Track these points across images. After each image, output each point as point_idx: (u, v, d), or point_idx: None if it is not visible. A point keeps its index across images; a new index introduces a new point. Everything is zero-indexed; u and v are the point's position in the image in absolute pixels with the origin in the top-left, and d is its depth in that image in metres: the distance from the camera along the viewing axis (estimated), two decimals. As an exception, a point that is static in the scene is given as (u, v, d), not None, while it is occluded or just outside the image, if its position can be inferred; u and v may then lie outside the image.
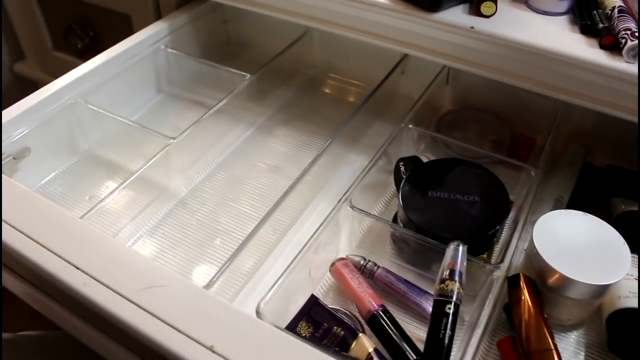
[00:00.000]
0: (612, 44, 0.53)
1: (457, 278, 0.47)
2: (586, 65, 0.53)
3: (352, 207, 0.54)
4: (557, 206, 0.59)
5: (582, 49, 0.54)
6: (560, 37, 0.55)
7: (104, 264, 0.44)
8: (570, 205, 0.61)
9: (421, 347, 0.47)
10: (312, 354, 0.39)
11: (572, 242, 0.50)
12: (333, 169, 0.67)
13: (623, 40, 0.52)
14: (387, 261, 0.57)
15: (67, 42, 0.95)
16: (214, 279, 0.48)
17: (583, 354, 0.51)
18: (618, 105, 0.54)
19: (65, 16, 0.93)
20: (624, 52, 0.52)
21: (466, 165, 0.58)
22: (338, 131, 0.63)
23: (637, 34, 0.52)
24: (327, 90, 0.82)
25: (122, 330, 0.41)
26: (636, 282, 0.51)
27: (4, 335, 0.67)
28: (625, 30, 0.52)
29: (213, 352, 0.38)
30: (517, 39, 0.55)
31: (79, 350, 0.64)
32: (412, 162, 0.61)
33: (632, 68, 0.51)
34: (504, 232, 0.57)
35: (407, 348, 0.46)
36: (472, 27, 0.56)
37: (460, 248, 0.48)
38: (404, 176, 0.58)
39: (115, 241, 0.47)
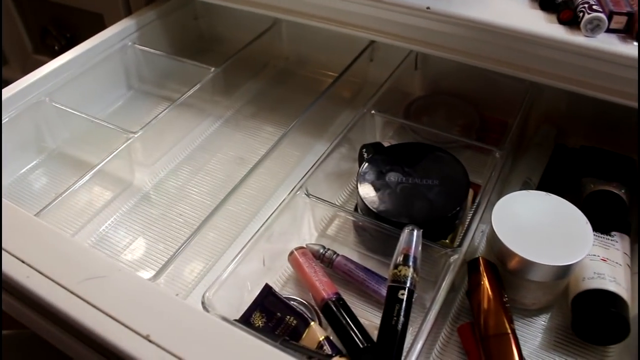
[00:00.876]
0: (570, 19, 0.52)
1: (410, 263, 0.45)
2: (545, 41, 0.51)
3: (308, 194, 0.53)
4: (524, 188, 0.57)
5: (541, 24, 0.52)
6: (518, 13, 0.54)
7: (49, 257, 0.44)
8: (540, 187, 0.59)
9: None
10: (253, 343, 0.38)
11: (532, 223, 0.48)
12: (300, 159, 0.66)
13: (581, 14, 0.50)
14: (349, 250, 0.56)
15: (45, 45, 0.96)
16: (162, 270, 0.47)
17: (549, 338, 0.49)
18: (582, 82, 0.53)
19: (40, 18, 0.94)
20: (581, 25, 0.50)
21: (426, 149, 0.57)
22: (298, 119, 0.62)
23: (594, 7, 0.50)
24: (298, 82, 0.81)
25: (64, 321, 0.41)
26: (602, 263, 0.49)
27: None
28: (583, 3, 0.51)
29: (149, 341, 0.38)
30: (473, 17, 0.53)
31: (46, 349, 0.64)
32: (374, 148, 0.59)
33: (591, 42, 0.50)
34: (468, 216, 0.55)
35: (358, 335, 0.45)
36: (427, 8, 0.55)
37: (415, 232, 0.47)
38: (366, 163, 0.57)
39: (62, 234, 0.47)
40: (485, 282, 0.48)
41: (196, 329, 0.38)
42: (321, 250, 0.54)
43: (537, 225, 0.48)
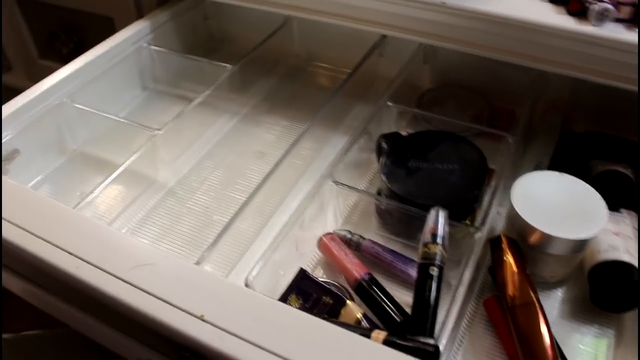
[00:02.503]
0: (579, 10, 0.55)
1: (439, 241, 0.48)
2: (555, 32, 0.55)
3: (335, 182, 0.56)
4: (536, 170, 0.60)
5: (551, 16, 0.55)
6: (529, 6, 0.57)
7: (95, 247, 0.45)
8: (550, 170, 0.62)
9: (409, 311, 0.48)
10: (302, 318, 0.40)
11: (549, 200, 0.51)
12: (317, 151, 0.68)
13: (589, 5, 0.54)
14: (373, 234, 0.59)
15: (52, 49, 0.97)
16: (203, 256, 0.49)
17: (567, 308, 0.52)
18: (590, 69, 0.56)
19: (48, 23, 0.95)
20: (590, 16, 0.53)
21: (444, 136, 0.60)
22: (317, 114, 0.65)
23: (600, -4, 0.53)
24: (309, 78, 0.84)
25: (115, 309, 0.43)
26: (614, 236, 0.52)
27: (5, 335, 0.68)
28: (589, -6, 0.54)
29: (203, 320, 0.40)
30: (487, 10, 0.56)
31: (79, 347, 0.65)
32: (392, 137, 0.62)
33: (600, 31, 0.53)
34: (486, 199, 0.58)
35: (394, 310, 0.47)
36: (443, 3, 0.58)
37: (441, 212, 0.50)
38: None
39: (105, 226, 0.48)
40: (509, 256, 0.51)
41: (247, 307, 0.40)
42: (348, 235, 0.56)
43: (554, 202, 0.51)
